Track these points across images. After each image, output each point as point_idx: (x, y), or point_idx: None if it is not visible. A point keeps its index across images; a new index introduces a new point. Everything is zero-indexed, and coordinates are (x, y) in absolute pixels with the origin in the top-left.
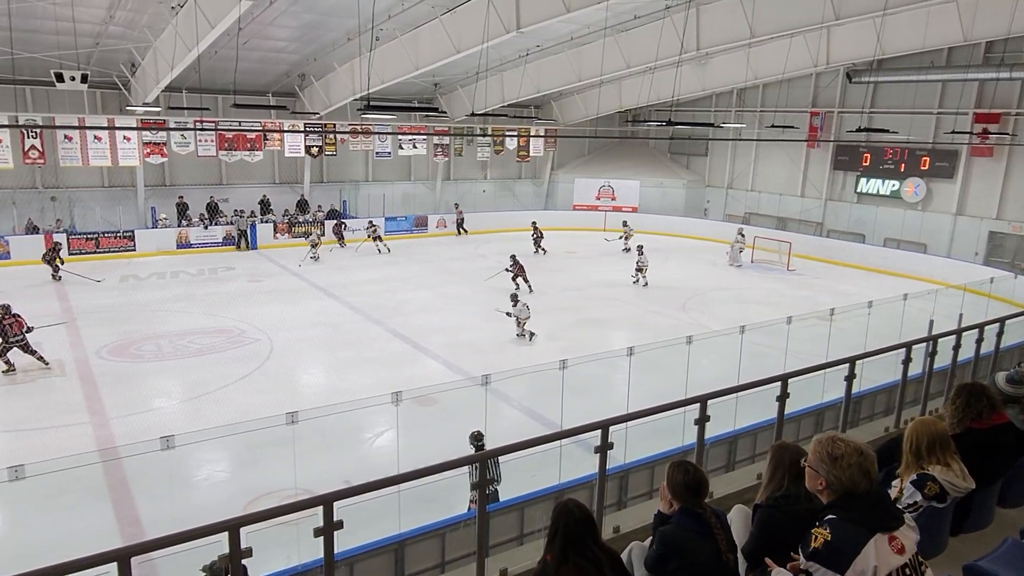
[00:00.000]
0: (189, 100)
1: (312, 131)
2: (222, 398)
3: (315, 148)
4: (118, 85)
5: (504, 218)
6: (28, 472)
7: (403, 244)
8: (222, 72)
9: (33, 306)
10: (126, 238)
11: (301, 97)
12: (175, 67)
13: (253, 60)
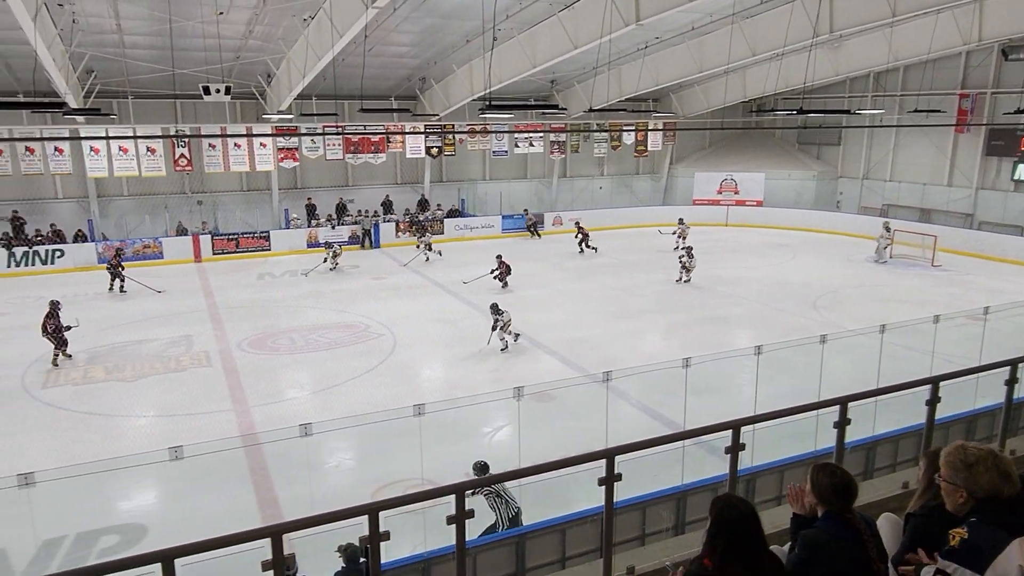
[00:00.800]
0: (319, 106)
1: (432, 132)
2: (349, 390)
3: (434, 149)
4: (255, 95)
5: (621, 215)
6: (185, 453)
7: (519, 242)
8: (348, 79)
9: (184, 302)
10: (262, 238)
11: (421, 99)
12: (306, 75)
13: (377, 66)
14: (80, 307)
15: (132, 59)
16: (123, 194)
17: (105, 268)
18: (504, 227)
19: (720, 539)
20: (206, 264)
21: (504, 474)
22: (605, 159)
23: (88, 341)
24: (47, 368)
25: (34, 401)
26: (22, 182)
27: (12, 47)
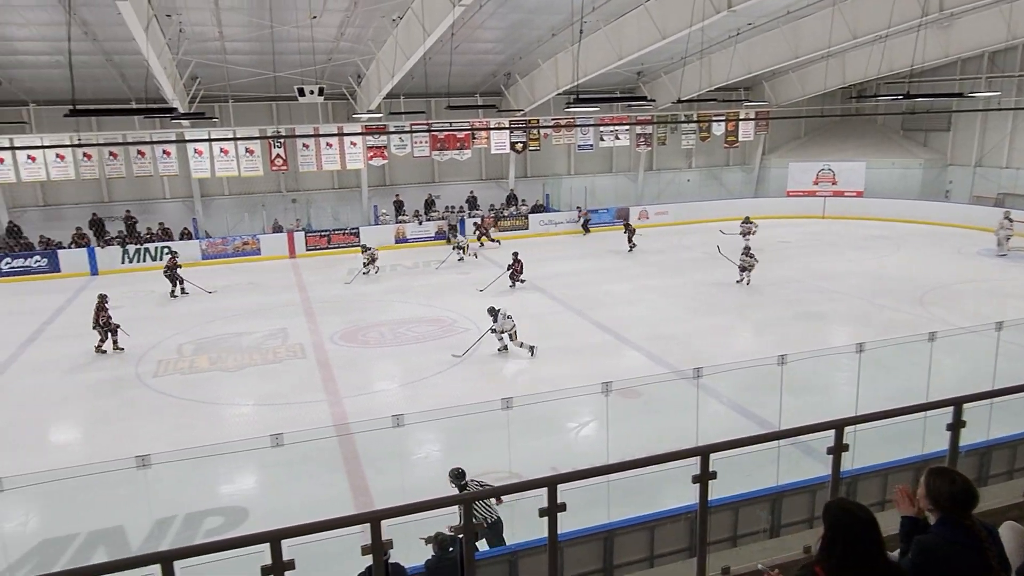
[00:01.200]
0: (407, 105)
1: (517, 127)
2: (436, 383)
3: (519, 144)
4: (346, 95)
5: (710, 208)
6: (285, 440)
7: (605, 236)
8: (435, 77)
9: (280, 296)
10: (352, 234)
11: (507, 95)
12: (395, 75)
13: (463, 63)
14: (186, 301)
15: (232, 64)
16: (224, 193)
17: (164, 274)
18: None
19: (837, 547)
20: (300, 260)
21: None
22: (693, 151)
23: (194, 333)
24: (159, 358)
25: (146, 389)
26: (134, 184)
27: (126, 57)
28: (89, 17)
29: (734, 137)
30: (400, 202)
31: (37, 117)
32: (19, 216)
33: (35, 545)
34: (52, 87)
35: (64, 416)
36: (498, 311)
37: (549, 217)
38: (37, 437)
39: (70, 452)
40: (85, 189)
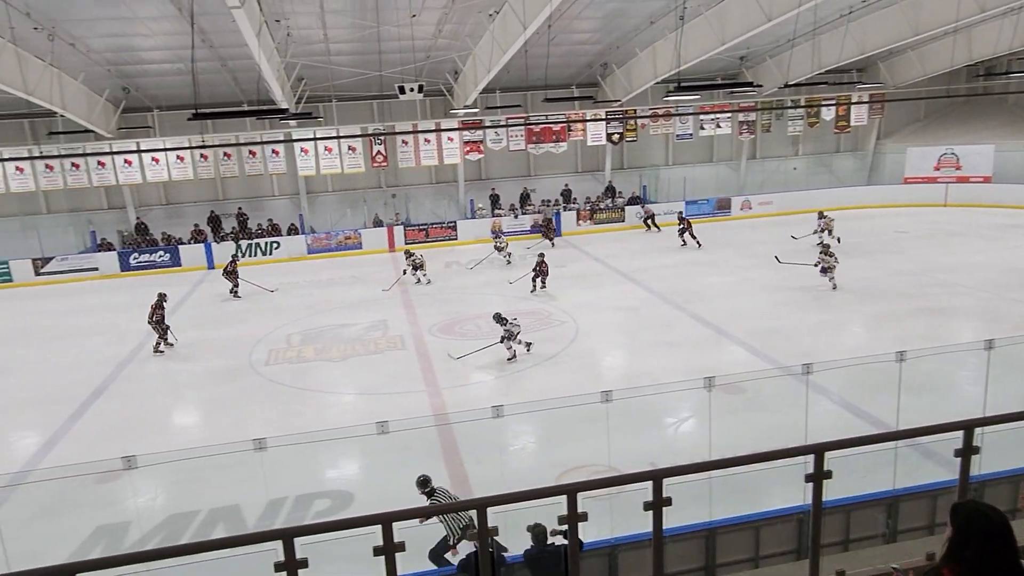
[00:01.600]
0: (502, 99)
1: (613, 118)
2: (532, 376)
3: (616, 135)
4: (443, 91)
5: (819, 197)
6: (390, 428)
7: (705, 228)
8: (531, 70)
9: (379, 290)
10: (449, 228)
11: (603, 86)
12: (491, 69)
13: (559, 55)
14: (293, 293)
15: (336, 65)
16: (328, 190)
17: (223, 275)
18: (688, 213)
19: (968, 551)
20: (399, 254)
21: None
22: (800, 137)
23: (301, 324)
24: (269, 347)
25: (259, 376)
26: (246, 182)
27: (239, 62)
28: (206, 26)
29: (845, 122)
30: (496, 196)
31: (160, 122)
32: (145, 214)
33: (163, 519)
34: (173, 93)
35: (186, 401)
36: (505, 318)
37: (646, 209)
38: (162, 420)
39: (191, 435)
40: (202, 188)
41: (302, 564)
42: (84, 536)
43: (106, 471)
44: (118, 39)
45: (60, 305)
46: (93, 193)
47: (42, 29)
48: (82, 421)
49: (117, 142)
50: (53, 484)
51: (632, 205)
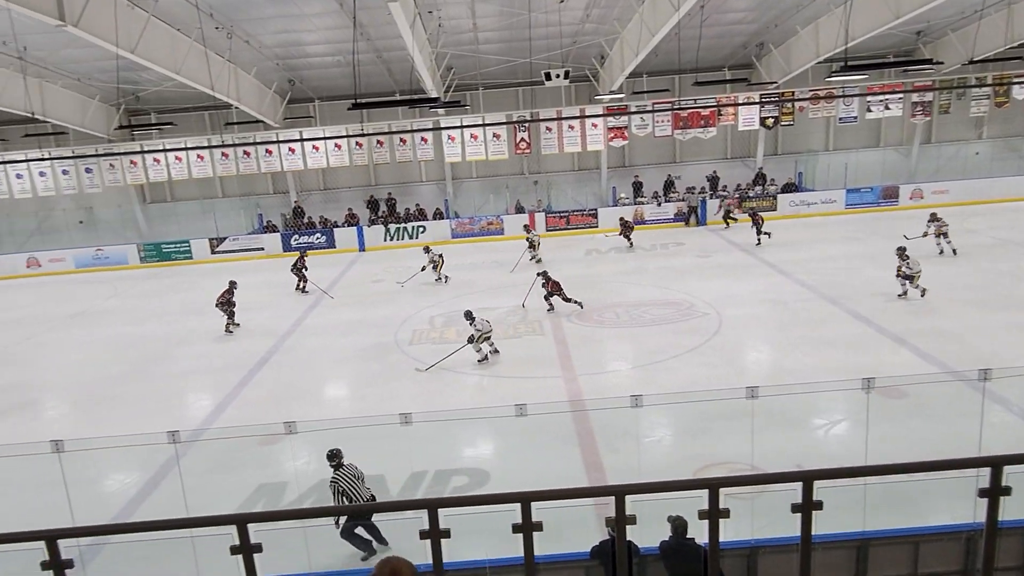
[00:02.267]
0: (649, 83)
1: (768, 101)
2: (671, 367)
3: (770, 119)
4: (588, 77)
5: (1005, 186)
6: (529, 411)
7: (869, 218)
8: (681, 52)
9: (524, 275)
10: (590, 216)
11: (758, 67)
12: (639, 53)
13: (710, 36)
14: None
15: (483, 54)
16: (472, 176)
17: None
18: (848, 202)
19: None
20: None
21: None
22: (986, 119)
23: (444, 307)
24: (414, 328)
25: (404, 355)
26: (396, 168)
27: (393, 53)
28: (364, 19)
29: None
30: (639, 183)
31: (321, 112)
32: (304, 199)
33: (316, 482)
34: (333, 84)
35: (338, 375)
36: (475, 316)
37: (801, 197)
38: (317, 390)
39: (342, 406)
40: (355, 174)
41: (445, 534)
42: (248, 492)
43: (268, 435)
44: (286, 35)
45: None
46: (261, 179)
47: (222, 29)
48: (248, 388)
49: (283, 131)
50: (223, 443)
51: (786, 193)
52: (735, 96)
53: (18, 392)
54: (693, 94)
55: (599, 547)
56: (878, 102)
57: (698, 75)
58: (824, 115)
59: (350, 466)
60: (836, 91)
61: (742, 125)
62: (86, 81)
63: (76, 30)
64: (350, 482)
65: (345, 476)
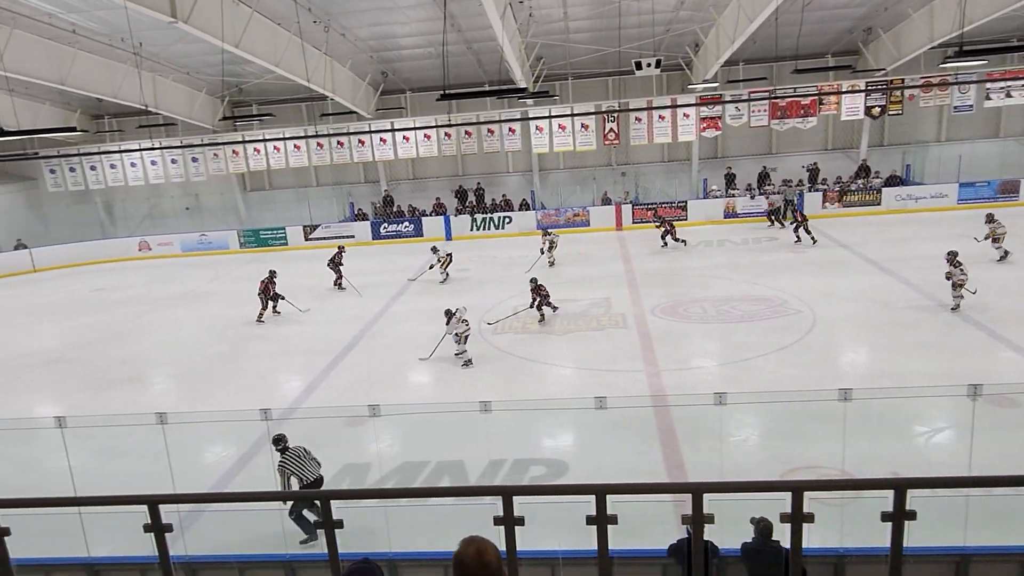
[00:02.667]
0: (745, 72)
1: (875, 89)
2: (760, 365)
3: (876, 108)
4: (681, 66)
5: None
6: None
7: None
8: (780, 39)
9: (605, 267)
10: (679, 208)
11: (864, 53)
12: (736, 40)
13: (812, 21)
14: (521, 266)
15: (573, 43)
16: (559, 167)
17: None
18: (961, 197)
19: None
20: (626, 232)
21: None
22: None
23: (526, 297)
24: (495, 317)
25: (487, 344)
26: (483, 159)
27: (482, 44)
28: (455, 10)
29: None
30: (732, 175)
31: (411, 103)
32: (393, 188)
33: (398, 464)
34: (424, 75)
35: (421, 361)
36: (454, 313)
37: (908, 191)
38: (401, 376)
39: (424, 391)
40: (444, 164)
41: (519, 522)
42: (335, 471)
43: (354, 416)
44: (380, 27)
45: (323, 267)
46: (353, 168)
47: (319, 23)
48: (336, 371)
49: (375, 122)
50: (312, 423)
51: (891, 186)
52: (838, 84)
53: (128, 367)
54: (792, 82)
55: (677, 545)
56: (998, 89)
57: (798, 62)
58: (936, 104)
59: (296, 448)
60: (951, 78)
61: (845, 114)
62: (194, 75)
63: (186, 26)
64: (297, 463)
65: (291, 458)
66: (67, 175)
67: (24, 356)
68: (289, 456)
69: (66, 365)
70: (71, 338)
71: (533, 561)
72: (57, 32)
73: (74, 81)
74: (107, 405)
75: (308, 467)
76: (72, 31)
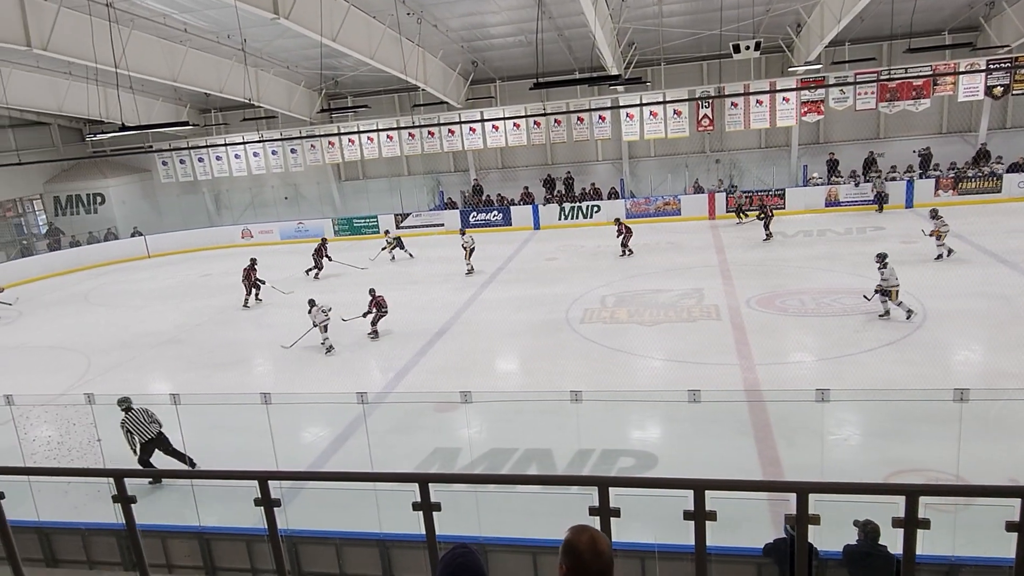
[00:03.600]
0: (852, 52)
1: (998, 68)
2: (864, 362)
3: (999, 88)
4: (782, 47)
5: None
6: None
7: None
8: (889, 16)
9: (697, 257)
10: (777, 196)
11: (986, 29)
12: (842, 19)
13: None
14: (610, 256)
15: (667, 27)
16: (649, 155)
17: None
18: None
19: None
20: (719, 221)
21: None
22: None
23: (616, 287)
24: (585, 307)
25: (574, 333)
26: (572, 147)
27: (574, 31)
28: None
29: None
30: (835, 161)
31: (501, 92)
32: (483, 177)
33: (487, 451)
34: (514, 64)
35: (509, 348)
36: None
37: None
38: (489, 363)
39: (512, 379)
40: (532, 153)
41: (615, 513)
42: (425, 454)
43: (444, 402)
44: (472, 17)
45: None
46: (443, 157)
47: (413, 15)
48: (426, 357)
49: (465, 111)
50: (403, 407)
51: (1014, 172)
52: (955, 63)
53: (235, 349)
54: (904, 62)
55: (773, 545)
56: None
57: (912, 41)
58: None
59: (139, 410)
60: None
61: (963, 95)
62: (293, 69)
63: (287, 22)
64: (136, 423)
65: (132, 418)
66: (177, 167)
67: (141, 337)
68: (131, 416)
69: (177, 346)
70: (182, 320)
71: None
72: (170, 32)
73: (185, 77)
74: (213, 384)
75: (147, 427)
76: (184, 30)
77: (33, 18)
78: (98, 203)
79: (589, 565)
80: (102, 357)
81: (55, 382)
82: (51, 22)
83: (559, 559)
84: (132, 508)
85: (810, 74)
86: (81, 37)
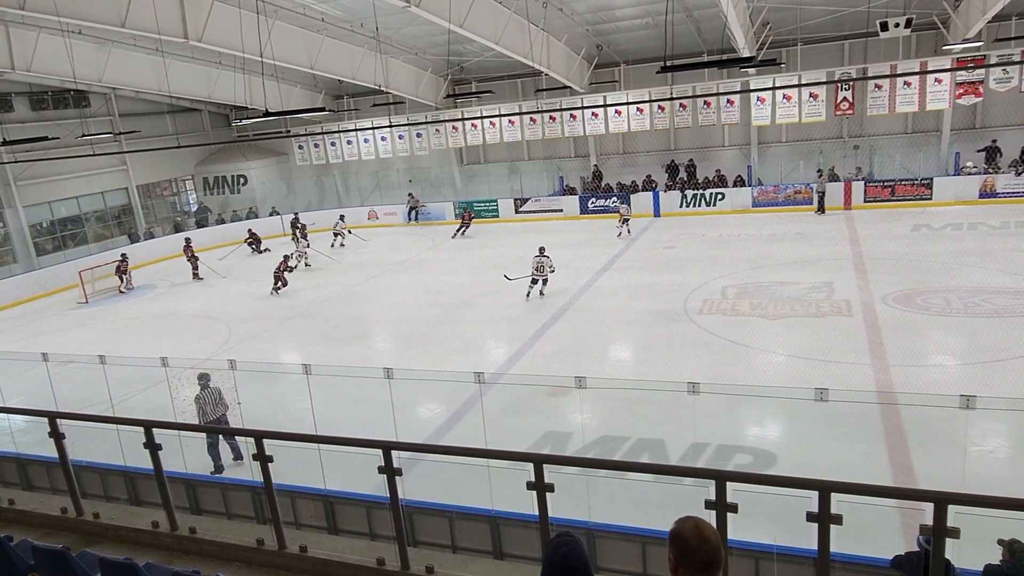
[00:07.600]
0: (1018, 27)
1: None
2: (1017, 368)
3: None
4: (936, 24)
5: None
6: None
7: None
8: None
9: (828, 249)
10: (923, 186)
11: None
12: None
13: None
14: (734, 246)
15: (806, 5)
16: (780, 140)
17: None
18: None
19: None
20: (855, 212)
21: None
22: None
23: (738, 277)
24: (704, 297)
25: (692, 324)
26: (697, 133)
27: (703, 11)
28: None
29: None
30: (994, 148)
31: (625, 76)
32: (603, 162)
33: (598, 437)
34: (639, 47)
35: (625, 336)
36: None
37: None
38: (603, 349)
39: (626, 368)
40: (655, 138)
41: (731, 508)
42: (536, 437)
43: (558, 387)
44: (598, 0)
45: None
46: (563, 143)
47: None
48: (541, 341)
49: (587, 96)
50: (517, 389)
51: None
52: None
53: (360, 324)
54: None
55: (904, 557)
56: None
57: None
58: None
59: (214, 389)
60: None
61: None
62: (421, 55)
63: (417, 10)
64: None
65: (206, 396)
66: (311, 150)
67: (276, 310)
68: (205, 395)
69: (308, 320)
70: (313, 295)
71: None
72: (309, 21)
73: (321, 64)
74: (338, 357)
75: (216, 408)
76: (321, 19)
77: (191, 13)
78: (241, 184)
79: (696, 550)
80: (240, 327)
81: (201, 348)
82: (205, 16)
83: (667, 551)
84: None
85: (968, 53)
86: (231, 28)
